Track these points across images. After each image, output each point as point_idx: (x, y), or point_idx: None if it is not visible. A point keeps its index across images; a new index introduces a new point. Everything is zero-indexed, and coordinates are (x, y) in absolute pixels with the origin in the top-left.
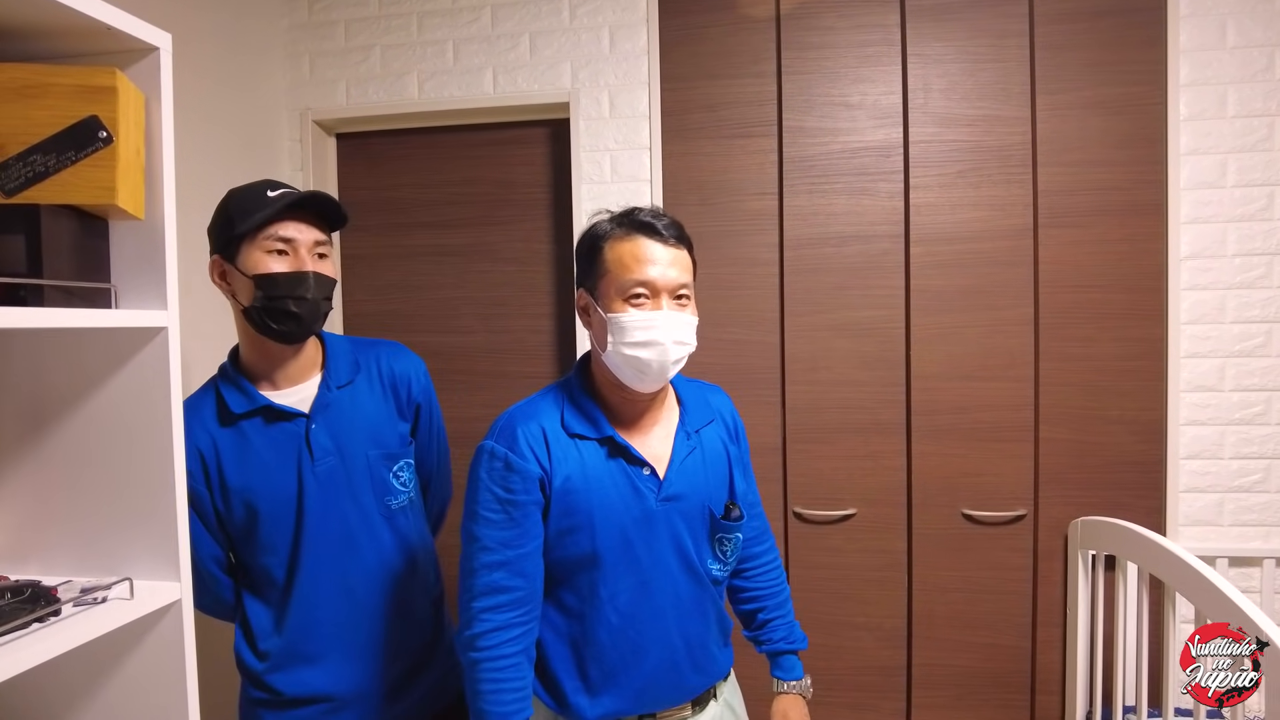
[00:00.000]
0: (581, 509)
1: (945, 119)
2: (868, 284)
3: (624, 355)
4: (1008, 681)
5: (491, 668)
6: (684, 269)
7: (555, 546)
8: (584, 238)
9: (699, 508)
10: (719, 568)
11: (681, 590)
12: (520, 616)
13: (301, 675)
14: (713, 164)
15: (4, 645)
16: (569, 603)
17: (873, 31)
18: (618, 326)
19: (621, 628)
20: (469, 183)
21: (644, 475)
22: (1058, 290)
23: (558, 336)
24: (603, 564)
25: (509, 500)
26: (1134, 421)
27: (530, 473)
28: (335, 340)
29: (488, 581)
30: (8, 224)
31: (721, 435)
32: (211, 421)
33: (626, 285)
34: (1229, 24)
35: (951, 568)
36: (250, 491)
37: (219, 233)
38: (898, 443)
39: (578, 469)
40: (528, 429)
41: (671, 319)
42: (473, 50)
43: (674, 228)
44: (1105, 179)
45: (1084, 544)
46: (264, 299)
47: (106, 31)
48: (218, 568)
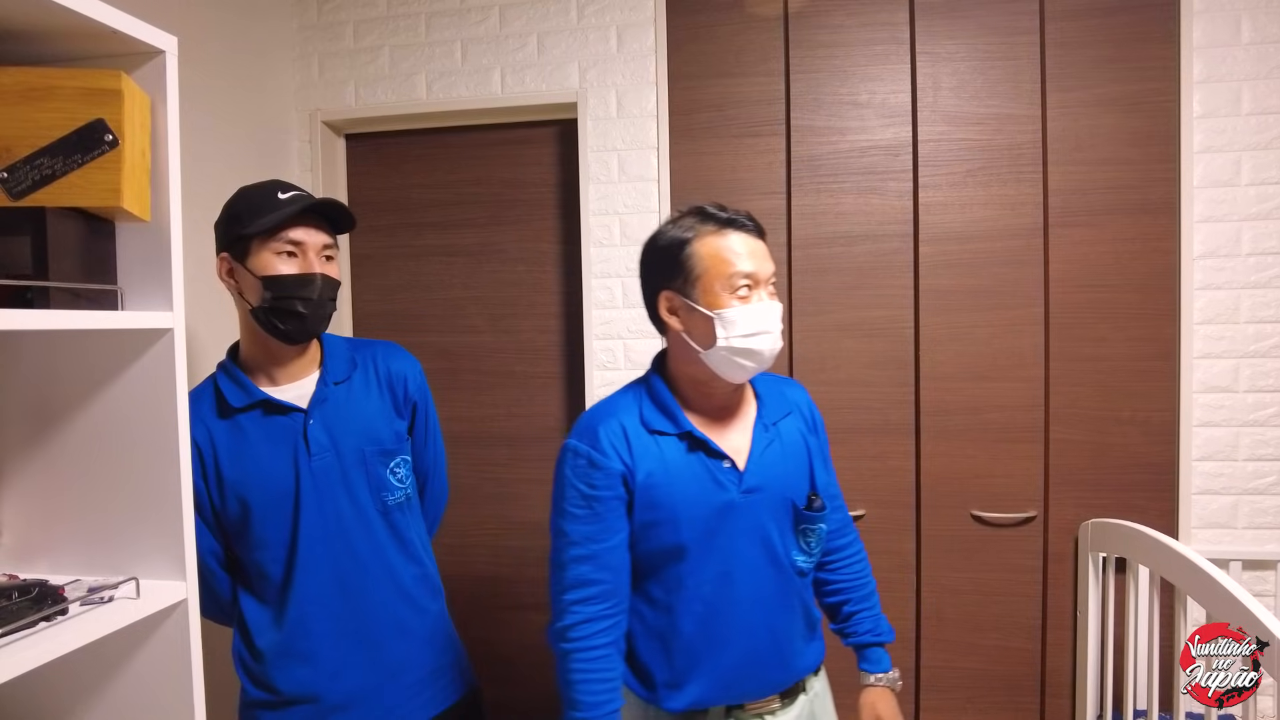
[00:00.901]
0: (664, 503)
1: (955, 117)
2: (877, 284)
3: (735, 348)
4: (1017, 684)
5: (582, 659)
6: (770, 259)
7: (640, 540)
8: (662, 242)
9: (781, 499)
10: (804, 559)
11: (766, 582)
12: (609, 609)
13: (298, 672)
14: (721, 163)
15: (12, 644)
16: (656, 595)
17: (881, 29)
18: (728, 320)
19: (707, 618)
20: (477, 183)
21: (724, 468)
22: (1069, 290)
23: (565, 336)
24: (688, 555)
25: (593, 496)
26: (1146, 422)
27: (612, 469)
28: (332, 339)
29: (576, 575)
30: (14, 226)
31: (800, 427)
32: (209, 414)
33: (733, 278)
34: (1244, 20)
35: (960, 569)
36: (245, 485)
37: (228, 230)
38: (907, 443)
39: (659, 464)
40: (608, 427)
41: (773, 308)
42: (481, 50)
43: (754, 220)
44: (1117, 177)
45: (1094, 546)
46: (272, 299)
47: (112, 35)
48: (216, 563)
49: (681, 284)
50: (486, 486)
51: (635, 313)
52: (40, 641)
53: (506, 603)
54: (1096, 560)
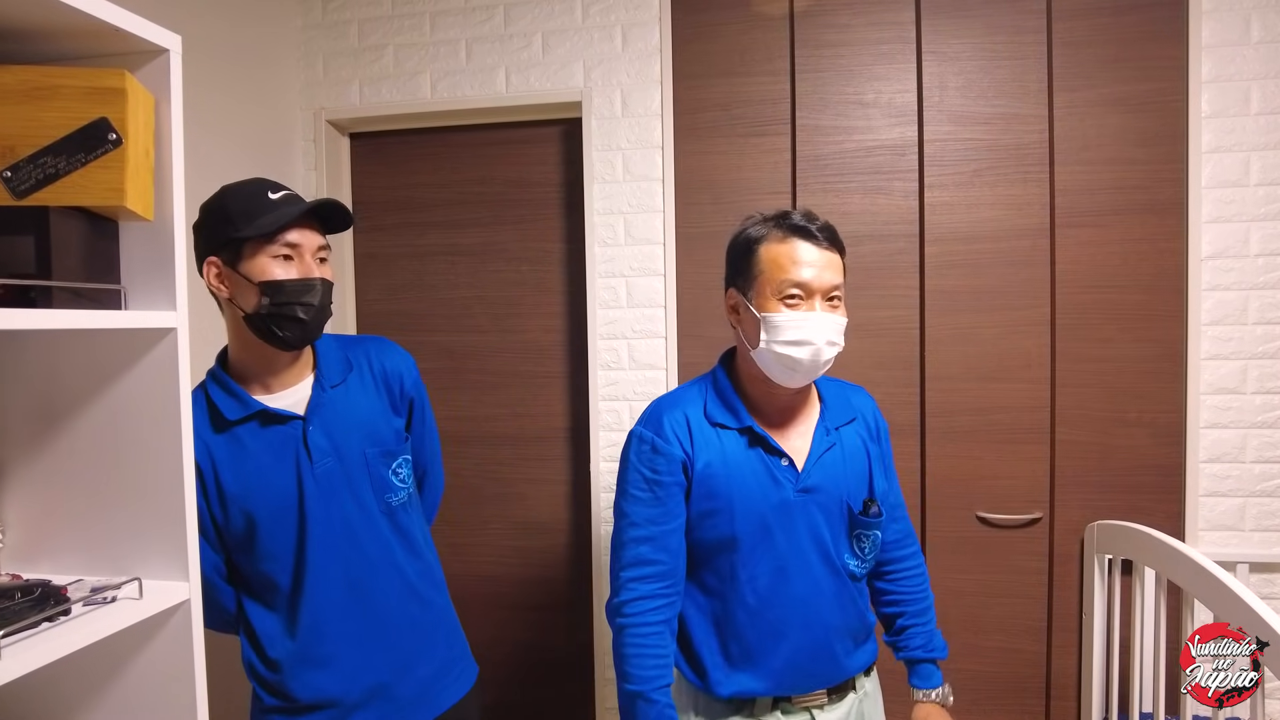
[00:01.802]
0: (721, 493)
1: (961, 117)
2: (882, 284)
3: (776, 353)
4: (1022, 686)
5: (635, 634)
6: (837, 271)
7: (696, 527)
8: (737, 240)
9: (837, 502)
10: (857, 564)
11: (820, 581)
12: (664, 589)
13: (315, 679)
14: (726, 163)
15: (14, 644)
16: (710, 582)
17: (888, 29)
18: (771, 325)
19: (759, 609)
20: (482, 182)
21: (782, 466)
22: (1075, 290)
23: (570, 336)
24: (740, 547)
25: (655, 480)
26: (1153, 424)
27: (674, 456)
28: (323, 340)
29: (635, 554)
30: (17, 225)
31: (862, 434)
32: (204, 428)
33: (783, 286)
34: (1253, 19)
35: (966, 571)
36: (249, 498)
37: (216, 232)
38: (912, 444)
39: (718, 455)
40: (673, 416)
41: (824, 320)
42: (485, 49)
43: (827, 231)
44: (1124, 177)
45: (1101, 548)
46: (270, 305)
47: (115, 33)
48: (219, 577)
49: (743, 283)
50: (490, 486)
51: (639, 312)
52: (43, 642)
53: (509, 602)
54: (1103, 562)
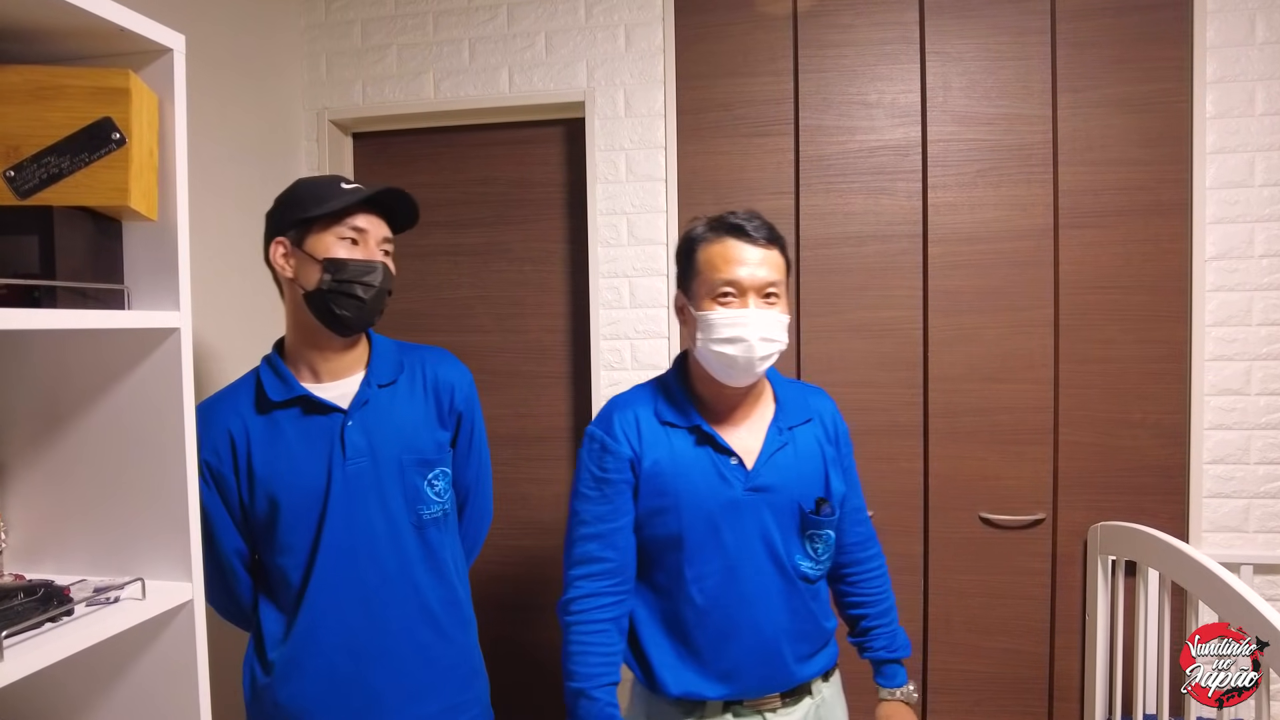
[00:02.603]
0: (669, 491)
1: (965, 117)
2: (885, 284)
3: (713, 351)
4: (1025, 688)
5: (581, 631)
6: (774, 268)
7: (645, 525)
8: (681, 243)
9: (788, 502)
10: (810, 565)
11: (770, 583)
12: (611, 586)
13: (303, 689)
14: (729, 163)
15: (17, 645)
16: (659, 581)
17: (891, 29)
18: (706, 324)
19: (707, 609)
20: (484, 182)
21: (731, 464)
22: (1079, 291)
23: (572, 336)
24: (687, 545)
25: (603, 478)
26: (1156, 425)
27: (622, 454)
28: (381, 340)
29: (583, 551)
30: (21, 225)
31: (819, 435)
32: (247, 407)
33: (715, 285)
34: (1258, 19)
35: (968, 572)
36: (275, 483)
37: (287, 214)
38: (915, 445)
39: (667, 454)
40: (623, 415)
41: (759, 316)
42: (489, 49)
43: (764, 229)
44: (1128, 178)
45: (1104, 549)
46: (331, 282)
47: (120, 33)
48: (240, 564)
49: (686, 284)
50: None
51: (642, 313)
52: (46, 643)
53: (512, 603)
54: (1106, 563)
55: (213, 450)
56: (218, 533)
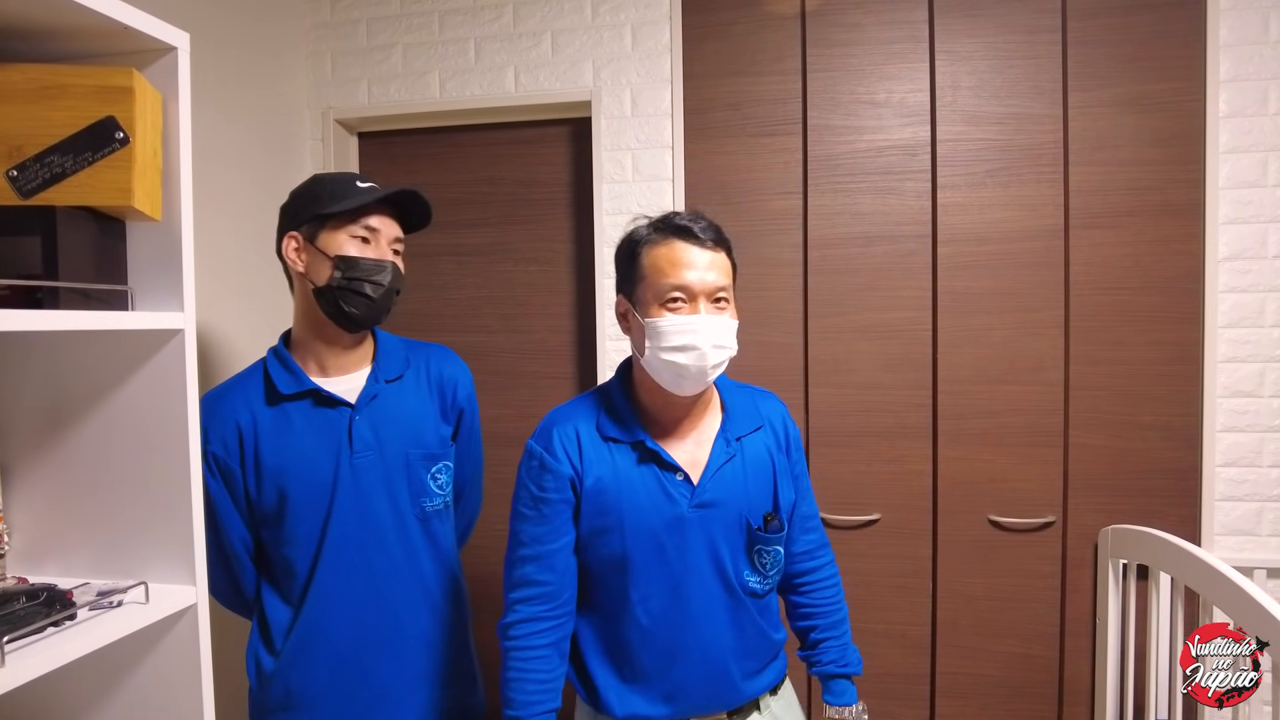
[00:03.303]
0: (612, 510)
1: (974, 117)
2: (893, 285)
3: (662, 360)
4: (1035, 692)
5: (519, 657)
6: (722, 272)
7: (588, 546)
8: (622, 244)
9: (735, 517)
10: (757, 580)
11: (715, 600)
12: (550, 610)
13: (313, 674)
14: (736, 163)
15: (20, 650)
16: (602, 603)
17: (900, 28)
18: (655, 331)
19: (652, 630)
20: (490, 182)
21: (676, 481)
22: (1089, 292)
23: (578, 337)
24: (633, 567)
25: (541, 498)
26: (1167, 427)
27: (562, 472)
28: (387, 336)
29: (521, 574)
30: (24, 225)
31: (768, 444)
32: (256, 399)
33: (663, 290)
34: (1272, 17)
35: (977, 575)
36: (284, 474)
37: (302, 209)
38: (923, 447)
39: (609, 471)
40: (563, 430)
41: (709, 323)
42: (494, 49)
43: (711, 230)
44: (1140, 178)
45: (1115, 553)
46: (342, 279)
47: (123, 31)
48: (245, 553)
49: (629, 289)
50: (496, 488)
51: None
52: (48, 648)
53: None
54: (1117, 567)
55: (220, 442)
56: (224, 523)
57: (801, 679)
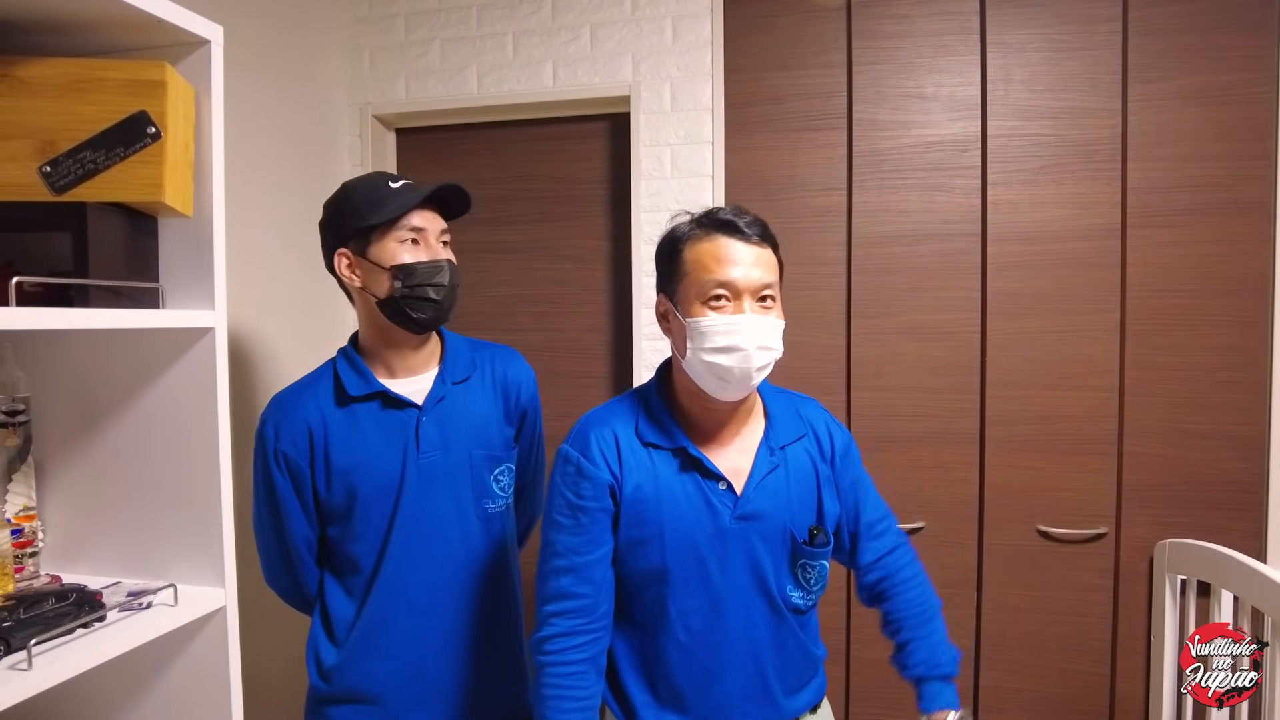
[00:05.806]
0: (652, 520)
1: (1027, 111)
2: (941, 285)
3: (704, 362)
4: (1084, 709)
5: (555, 674)
6: (769, 269)
7: (626, 557)
8: (662, 241)
9: (779, 529)
10: (800, 596)
11: (757, 616)
12: (586, 624)
13: (374, 668)
14: (778, 158)
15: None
16: (639, 617)
17: (950, 19)
18: (697, 331)
19: (691, 648)
20: (527, 178)
21: (719, 490)
22: (1146, 295)
23: (614, 336)
24: (672, 580)
25: (579, 506)
26: (1230, 436)
27: (600, 479)
28: (454, 337)
29: (557, 587)
30: (55, 222)
31: (811, 452)
32: (326, 400)
33: (706, 287)
34: None
35: (1025, 586)
36: (354, 474)
37: (345, 225)
38: (970, 453)
39: (649, 479)
40: (601, 434)
41: (755, 322)
42: (533, 43)
43: (757, 225)
44: (1203, 175)
45: (1172, 568)
46: (403, 289)
47: (156, 24)
48: (308, 552)
49: (671, 288)
50: None
51: None
52: (76, 650)
53: None
54: (1174, 582)
55: (291, 441)
56: (289, 522)
57: (839, 699)
